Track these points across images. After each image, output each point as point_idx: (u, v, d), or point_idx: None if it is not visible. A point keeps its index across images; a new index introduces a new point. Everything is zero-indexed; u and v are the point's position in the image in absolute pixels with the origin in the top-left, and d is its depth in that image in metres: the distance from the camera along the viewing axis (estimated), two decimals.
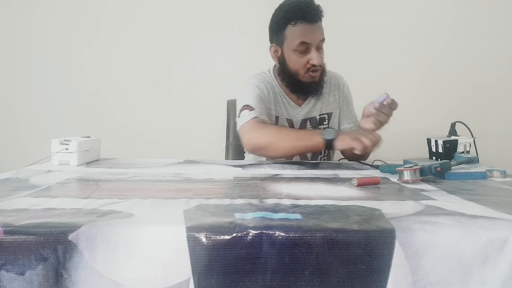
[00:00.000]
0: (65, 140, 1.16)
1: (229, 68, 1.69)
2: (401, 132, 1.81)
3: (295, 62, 1.26)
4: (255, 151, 1.23)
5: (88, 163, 1.21)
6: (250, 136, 1.20)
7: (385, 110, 1.09)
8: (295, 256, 0.54)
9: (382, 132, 1.11)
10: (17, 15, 1.81)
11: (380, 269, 0.54)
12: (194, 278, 0.54)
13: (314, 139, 1.10)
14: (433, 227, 0.55)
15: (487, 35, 1.78)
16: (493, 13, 1.77)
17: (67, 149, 1.15)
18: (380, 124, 1.11)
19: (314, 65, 1.24)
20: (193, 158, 1.33)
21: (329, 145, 1.08)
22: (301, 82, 1.28)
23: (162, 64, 1.80)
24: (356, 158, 1.24)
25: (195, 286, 0.54)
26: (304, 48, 1.23)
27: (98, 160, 1.29)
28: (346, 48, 1.76)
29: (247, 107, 1.25)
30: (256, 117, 1.23)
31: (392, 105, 1.10)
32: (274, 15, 1.28)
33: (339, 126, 1.41)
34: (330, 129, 1.13)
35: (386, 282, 0.54)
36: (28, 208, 0.64)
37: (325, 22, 1.25)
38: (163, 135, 1.81)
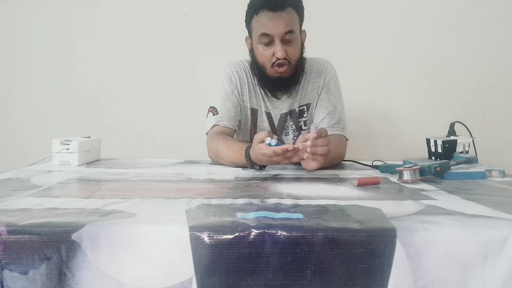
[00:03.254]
0: (66, 140, 1.17)
1: None
2: (400, 132, 1.81)
3: (261, 55, 1.18)
4: (213, 161, 1.25)
5: (89, 163, 1.21)
6: (208, 147, 1.23)
7: (320, 142, 0.96)
8: (297, 255, 0.54)
9: (382, 132, 1.12)
10: (16, 14, 1.81)
11: (381, 268, 0.54)
12: (196, 277, 0.54)
13: (243, 161, 1.07)
14: (433, 227, 0.56)
15: (487, 35, 1.78)
16: (493, 13, 1.78)
17: (67, 149, 1.15)
18: (323, 159, 0.99)
19: (278, 58, 1.15)
20: (194, 158, 1.34)
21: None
22: (269, 77, 1.21)
23: (162, 64, 1.80)
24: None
25: (197, 285, 0.54)
26: (267, 40, 1.15)
27: (98, 160, 1.30)
28: (345, 47, 1.77)
29: (212, 109, 1.27)
30: (217, 124, 1.24)
31: (322, 133, 0.97)
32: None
33: (314, 117, 1.28)
34: (248, 152, 1.05)
35: (387, 281, 0.54)
36: (30, 208, 0.65)
37: (324, 21, 1.24)
38: (163, 135, 1.81)
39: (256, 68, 1.24)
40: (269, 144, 0.94)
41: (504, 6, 1.78)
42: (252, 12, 1.18)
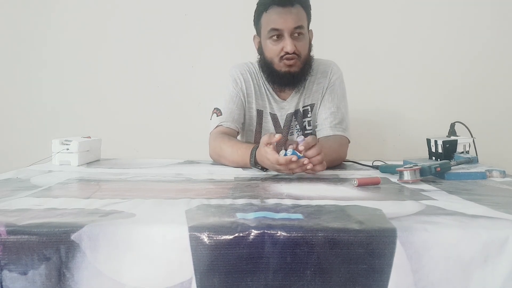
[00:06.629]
0: (66, 140, 1.16)
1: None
2: (401, 132, 1.81)
3: (270, 50, 1.20)
4: (214, 161, 1.25)
5: (89, 164, 1.21)
6: (210, 146, 1.23)
7: (312, 153, 0.94)
8: (297, 256, 0.54)
9: (382, 132, 1.11)
10: (17, 15, 1.81)
11: (381, 268, 0.54)
12: (196, 278, 0.54)
13: (246, 161, 1.06)
14: (434, 227, 0.56)
15: (487, 35, 1.78)
16: (493, 12, 1.78)
17: (67, 149, 1.15)
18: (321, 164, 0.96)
19: (287, 53, 1.16)
20: (194, 159, 1.34)
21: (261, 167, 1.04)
22: (277, 72, 1.21)
23: (162, 64, 1.80)
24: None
25: (197, 286, 0.54)
26: (277, 35, 1.17)
27: (98, 160, 1.30)
28: (346, 47, 1.77)
29: (216, 110, 1.27)
30: (221, 125, 1.24)
31: (309, 144, 0.93)
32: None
33: (317, 117, 1.28)
34: (254, 152, 1.04)
35: (387, 282, 0.54)
36: (30, 208, 0.65)
37: (324, 20, 1.25)
38: (163, 135, 1.81)
39: (265, 65, 1.24)
40: (285, 154, 0.92)
41: (504, 6, 1.77)
42: (261, 10, 1.20)
